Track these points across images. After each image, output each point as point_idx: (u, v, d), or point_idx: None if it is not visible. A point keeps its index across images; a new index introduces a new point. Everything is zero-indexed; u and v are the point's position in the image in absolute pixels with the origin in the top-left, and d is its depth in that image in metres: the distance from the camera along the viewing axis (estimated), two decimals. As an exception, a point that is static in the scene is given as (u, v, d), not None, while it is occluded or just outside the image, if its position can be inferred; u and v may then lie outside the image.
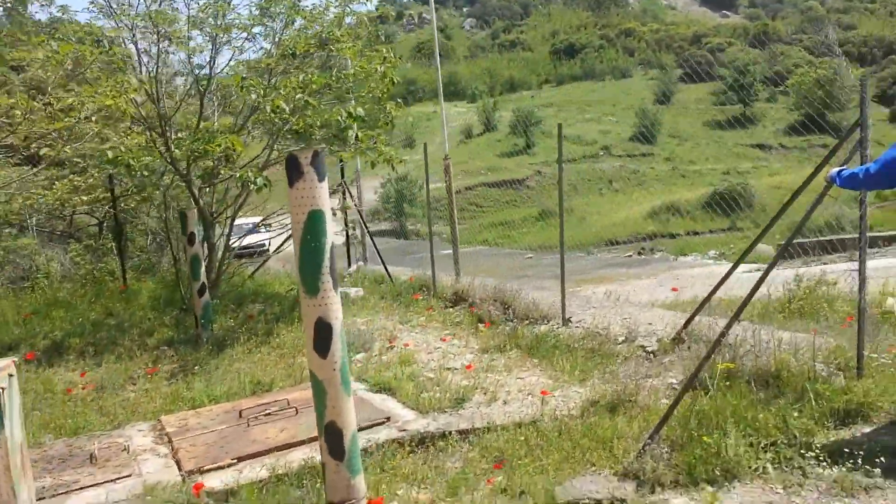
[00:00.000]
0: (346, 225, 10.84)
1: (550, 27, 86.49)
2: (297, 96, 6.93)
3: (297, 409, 4.93)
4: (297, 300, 9.05)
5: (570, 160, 48.27)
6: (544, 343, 6.13)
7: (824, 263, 12.22)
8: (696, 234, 28.43)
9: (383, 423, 4.64)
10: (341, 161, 10.21)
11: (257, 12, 7.96)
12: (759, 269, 14.66)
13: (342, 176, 10.68)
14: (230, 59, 8.36)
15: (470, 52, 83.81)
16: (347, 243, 11.05)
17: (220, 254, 8.97)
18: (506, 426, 4.39)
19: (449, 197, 9.05)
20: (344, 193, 10.66)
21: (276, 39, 8.17)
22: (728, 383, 4.32)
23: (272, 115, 6.78)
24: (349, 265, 11.11)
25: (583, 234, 30.69)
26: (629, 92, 62.19)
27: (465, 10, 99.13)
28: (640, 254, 27.97)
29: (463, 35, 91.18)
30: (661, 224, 30.55)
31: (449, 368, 5.82)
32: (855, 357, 4.30)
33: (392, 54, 8.06)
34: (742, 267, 5.74)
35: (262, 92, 6.88)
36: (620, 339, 5.98)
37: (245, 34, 8.00)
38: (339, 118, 6.92)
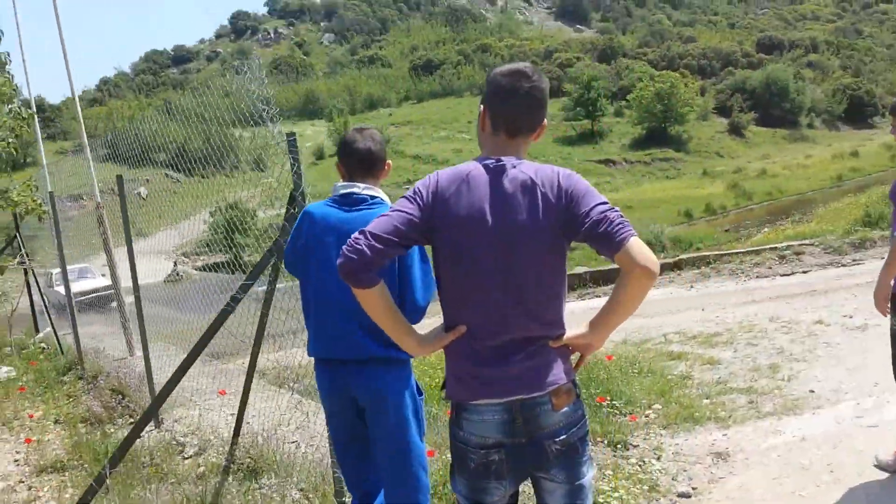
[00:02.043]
0: (29, 284, 9.20)
1: (409, 42, 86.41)
2: None
3: None
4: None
5: (422, 178, 47.91)
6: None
7: (596, 297, 11.73)
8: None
9: None
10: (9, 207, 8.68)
11: None
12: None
13: (16, 225, 9.01)
14: None
15: (329, 67, 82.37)
16: (32, 305, 9.40)
17: None
18: None
19: (106, 248, 7.65)
20: (21, 250, 9.02)
21: None
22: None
23: None
24: (36, 331, 9.47)
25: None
26: (486, 108, 62.94)
27: (323, 24, 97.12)
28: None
29: (322, 50, 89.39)
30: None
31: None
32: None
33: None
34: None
35: None
36: (191, 450, 4.85)
37: None
38: None
